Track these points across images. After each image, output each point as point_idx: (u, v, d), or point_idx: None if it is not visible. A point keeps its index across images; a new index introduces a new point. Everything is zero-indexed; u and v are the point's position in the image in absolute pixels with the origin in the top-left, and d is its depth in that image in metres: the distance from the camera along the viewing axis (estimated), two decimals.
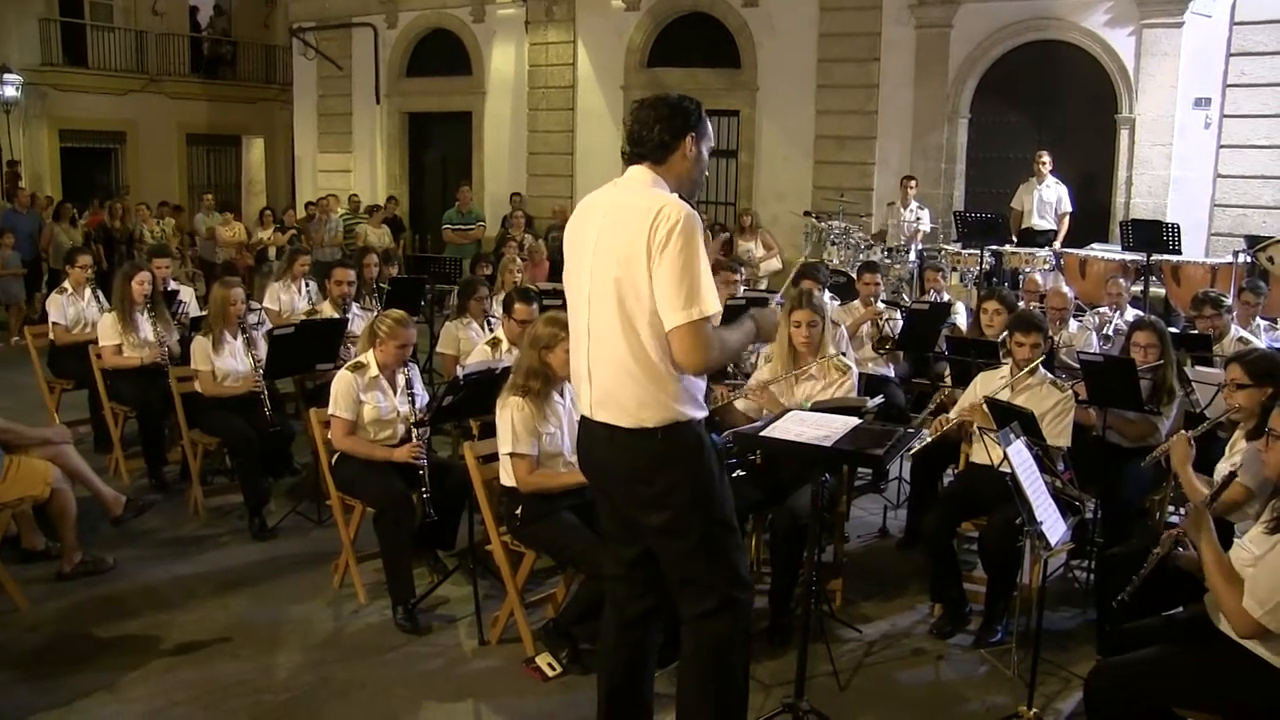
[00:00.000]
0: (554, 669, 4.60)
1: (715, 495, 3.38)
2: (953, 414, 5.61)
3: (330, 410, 5.35)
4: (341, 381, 5.35)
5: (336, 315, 7.46)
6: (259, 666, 4.69)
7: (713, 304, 3.17)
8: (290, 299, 8.76)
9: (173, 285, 8.48)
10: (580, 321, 3.38)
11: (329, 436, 5.41)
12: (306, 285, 8.92)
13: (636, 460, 3.31)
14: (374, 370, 5.40)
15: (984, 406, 5.29)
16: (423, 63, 18.79)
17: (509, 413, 4.69)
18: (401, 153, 19.39)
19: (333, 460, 5.42)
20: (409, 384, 5.44)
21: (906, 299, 10.61)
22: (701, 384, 3.39)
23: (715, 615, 3.41)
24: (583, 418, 3.46)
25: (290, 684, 4.55)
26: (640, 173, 3.35)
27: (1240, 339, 7.03)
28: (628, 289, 3.20)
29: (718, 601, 3.40)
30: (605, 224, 3.29)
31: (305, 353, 6.66)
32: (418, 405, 5.42)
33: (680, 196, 3.32)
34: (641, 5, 16.25)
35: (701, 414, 3.37)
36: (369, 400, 5.35)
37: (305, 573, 5.72)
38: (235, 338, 6.61)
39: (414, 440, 5.27)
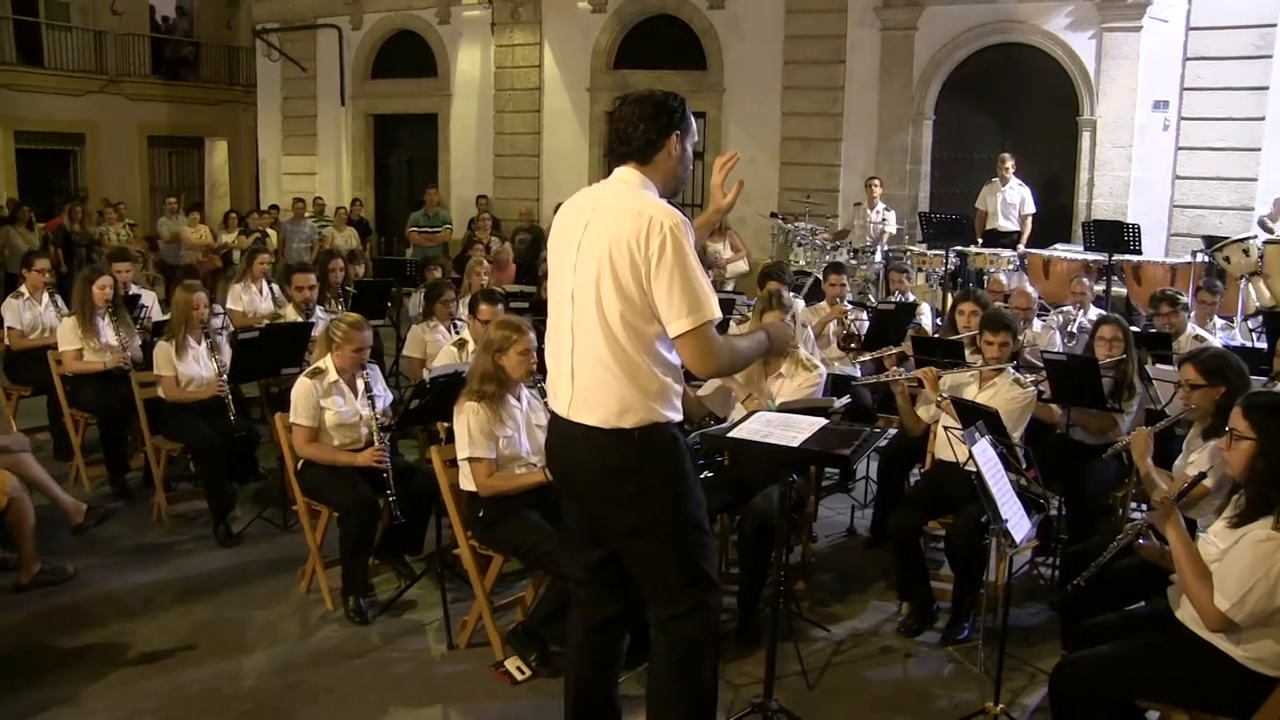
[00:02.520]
0: (523, 672, 4.58)
1: (689, 497, 3.37)
2: (912, 372, 5.69)
3: (291, 418, 5.32)
4: (301, 388, 5.31)
5: (300, 319, 7.40)
6: (224, 674, 4.64)
7: (714, 309, 3.17)
8: (251, 299, 8.69)
9: (134, 289, 8.39)
10: (564, 320, 3.34)
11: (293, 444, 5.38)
12: (269, 285, 8.86)
13: (612, 460, 3.28)
14: (333, 375, 5.36)
15: (936, 372, 5.48)
16: (388, 64, 18.69)
17: (465, 417, 4.69)
18: (367, 155, 19.28)
19: (298, 465, 5.39)
20: (368, 386, 5.41)
21: (873, 299, 10.66)
22: (679, 387, 3.38)
23: (685, 618, 3.39)
24: (555, 417, 3.44)
25: (257, 691, 4.51)
26: (628, 174, 3.33)
27: (1196, 336, 7.13)
28: (614, 291, 3.18)
29: (688, 604, 3.38)
30: (593, 224, 3.27)
31: (270, 356, 6.60)
32: (378, 407, 5.39)
33: (666, 194, 3.33)
34: (608, 7, 16.25)
35: (678, 417, 3.36)
36: (329, 405, 5.32)
37: (271, 579, 5.67)
38: (199, 342, 6.54)
39: (376, 444, 5.24)
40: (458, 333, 7.06)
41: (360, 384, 5.42)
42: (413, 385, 6.53)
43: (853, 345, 7.36)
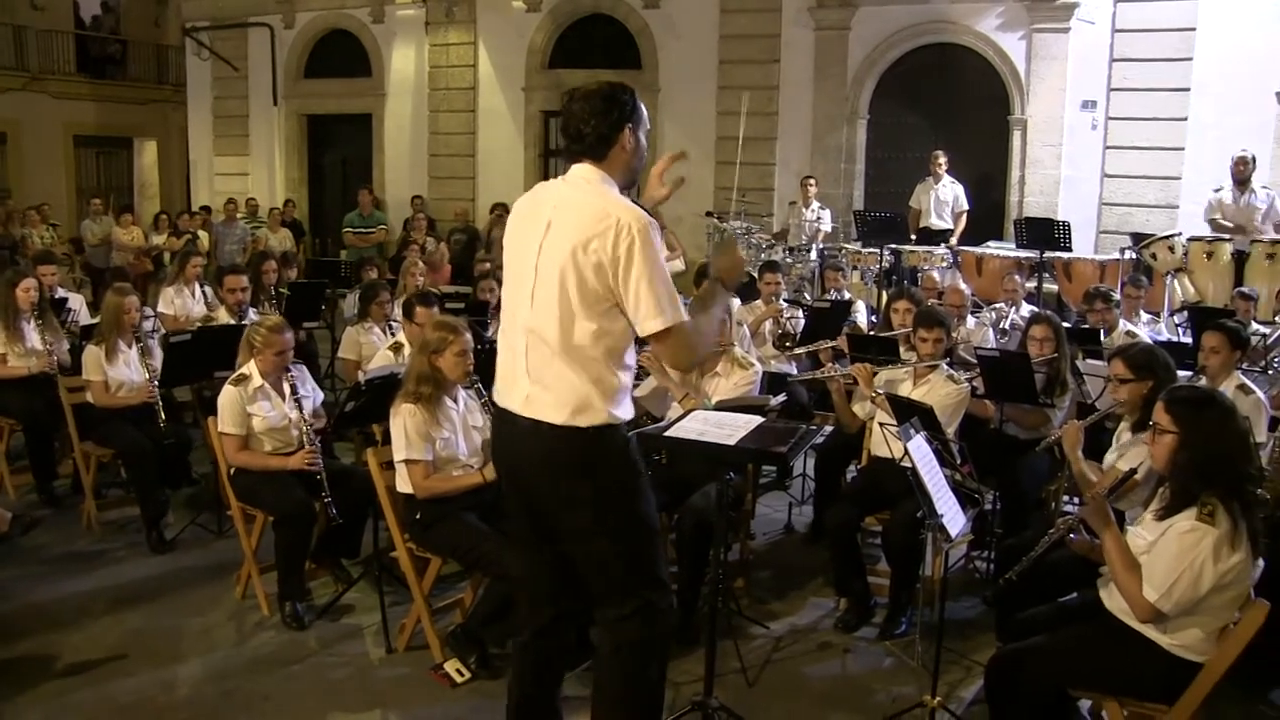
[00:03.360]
0: (463, 675, 4.55)
1: (641, 497, 3.36)
2: (847, 369, 5.76)
3: (219, 427, 5.25)
4: (226, 397, 5.24)
5: (233, 322, 7.29)
6: (158, 683, 4.55)
7: (678, 311, 3.17)
8: (184, 303, 8.56)
9: (61, 292, 8.22)
10: (520, 319, 3.32)
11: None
12: (201, 288, 8.72)
13: (566, 459, 3.26)
14: (257, 380, 5.29)
15: (870, 369, 5.55)
16: (321, 64, 18.47)
17: (401, 419, 4.66)
18: (300, 155, 19.04)
19: (231, 470, 5.31)
20: (295, 388, 5.34)
21: (808, 297, 10.73)
22: (630, 386, 3.37)
23: (633, 618, 3.38)
24: (504, 413, 3.38)
25: (192, 700, 4.44)
26: (586, 171, 3.29)
27: (1128, 332, 7.27)
28: (578, 291, 3.16)
29: (637, 604, 3.37)
30: (555, 224, 3.24)
31: (203, 360, 6.50)
32: (307, 409, 5.33)
33: (624, 186, 3.33)
34: (542, 7, 16.20)
35: (629, 416, 3.35)
36: (257, 411, 5.25)
37: (206, 585, 5.58)
38: (130, 346, 6.43)
39: (307, 446, 5.19)
40: (393, 334, 7.01)
41: (286, 387, 5.35)
42: (348, 387, 6.47)
43: (788, 344, 7.41)
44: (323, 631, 5.07)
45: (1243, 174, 10.80)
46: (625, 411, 3.31)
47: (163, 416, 6.27)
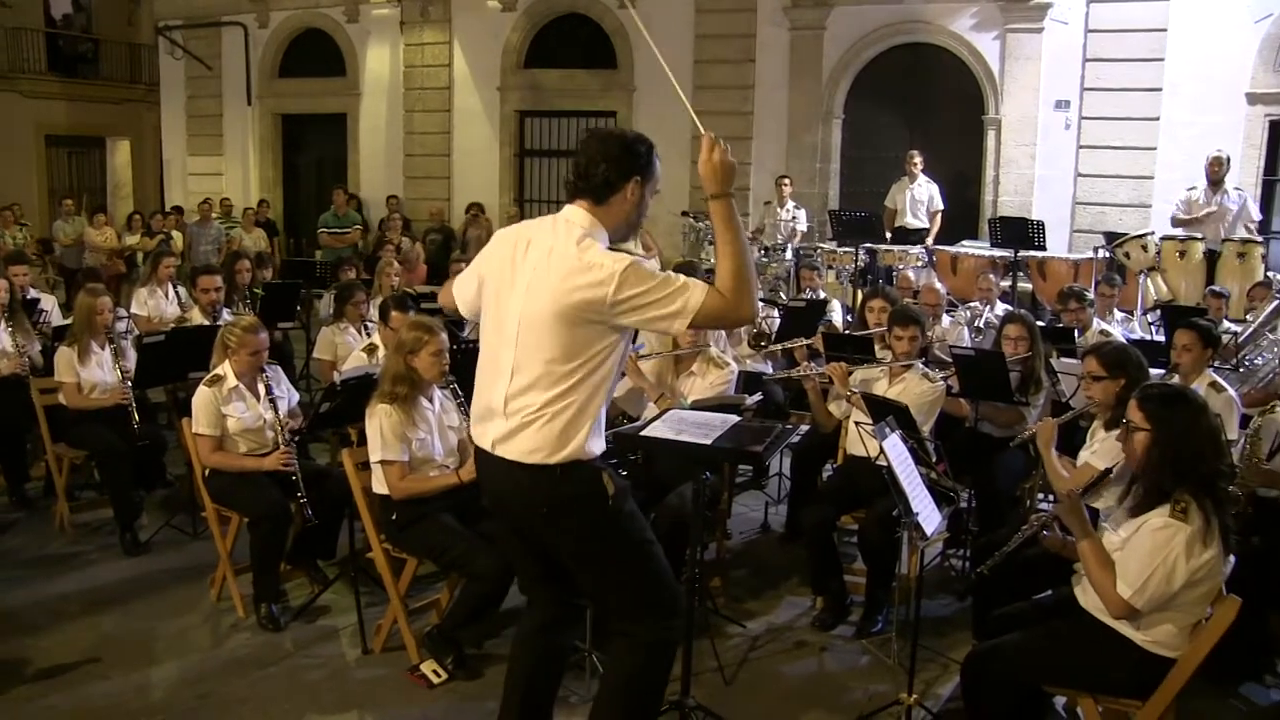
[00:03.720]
0: (439, 675, 4.54)
1: (620, 527, 3.34)
2: (822, 368, 5.77)
3: (193, 429, 5.22)
4: (200, 398, 5.21)
5: (207, 323, 7.25)
6: (132, 687, 4.52)
7: (694, 284, 3.12)
8: (157, 304, 8.50)
9: (33, 293, 8.15)
10: (504, 361, 3.27)
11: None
12: (175, 289, 8.66)
13: (538, 495, 3.25)
14: (231, 380, 5.26)
15: (845, 368, 5.58)
16: (296, 63, 18.37)
17: (377, 420, 4.65)
18: (275, 155, 18.93)
19: (206, 471, 5.27)
20: (269, 389, 5.32)
21: (784, 297, 10.74)
22: (603, 422, 3.35)
23: (639, 626, 3.38)
24: (480, 451, 3.37)
25: (167, 703, 4.41)
26: (578, 215, 3.26)
27: (1102, 331, 7.32)
28: (569, 339, 3.15)
29: (641, 612, 3.38)
30: (543, 269, 3.20)
31: (177, 361, 6.46)
32: (282, 409, 5.31)
33: (615, 239, 3.31)
34: (518, 6, 16.16)
35: (602, 449, 3.33)
36: (231, 412, 5.22)
37: (180, 587, 5.55)
38: (103, 348, 6.39)
39: (282, 446, 5.16)
40: (369, 335, 6.99)
41: (261, 387, 5.33)
42: (323, 388, 6.45)
43: (763, 343, 7.42)
44: (299, 633, 5.05)
45: (1217, 174, 10.91)
46: (598, 446, 3.30)
47: (136, 418, 6.23)
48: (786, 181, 13.15)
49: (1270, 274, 10.15)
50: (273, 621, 5.05)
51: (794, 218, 12.98)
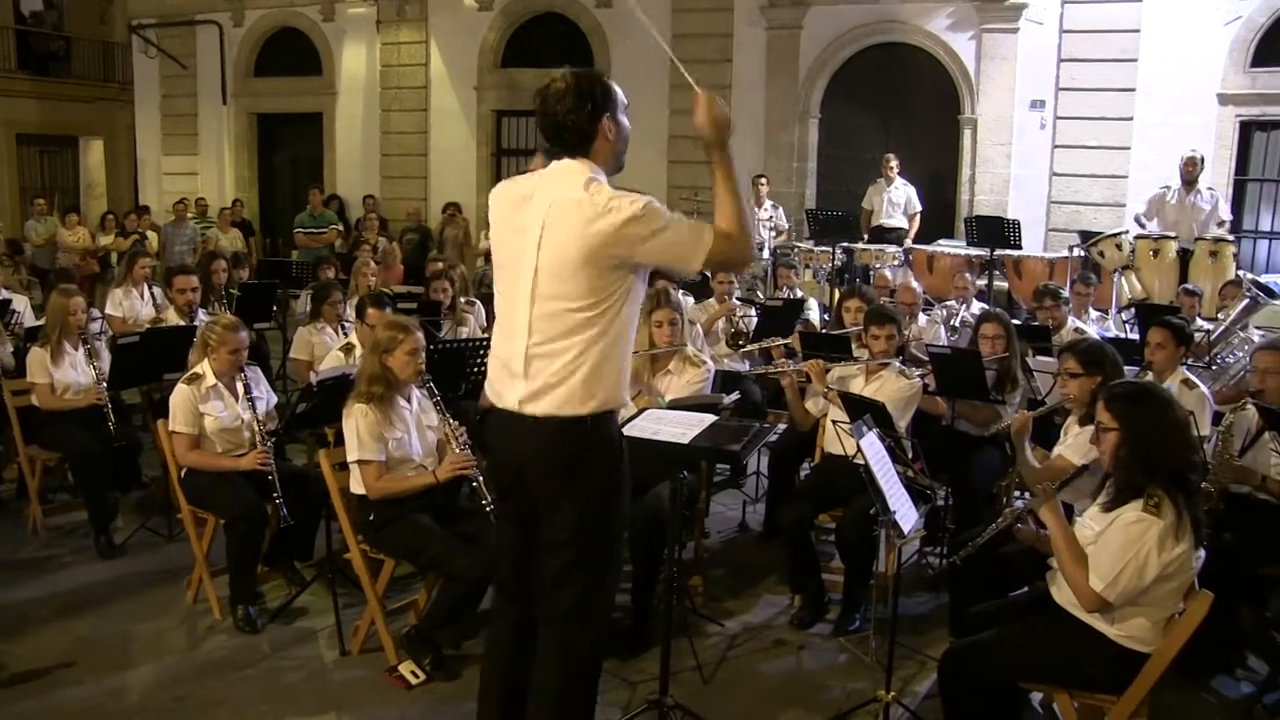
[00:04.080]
0: (417, 676, 4.52)
1: (619, 509, 3.39)
2: (800, 365, 5.79)
3: (170, 426, 5.19)
4: (179, 395, 5.18)
5: (183, 323, 7.20)
6: (107, 691, 4.48)
7: (703, 225, 3.21)
8: (132, 304, 8.44)
9: (4, 294, 8.08)
10: (520, 319, 3.24)
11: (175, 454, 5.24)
12: (150, 290, 8.61)
13: (562, 447, 3.23)
14: (210, 379, 5.24)
15: (823, 364, 5.59)
16: (271, 62, 18.30)
17: (354, 420, 4.63)
18: (250, 155, 18.85)
19: (182, 472, 5.25)
20: (248, 389, 5.29)
21: (761, 296, 10.76)
22: (628, 375, 3.38)
23: (574, 618, 3.36)
24: (500, 414, 3.32)
25: (143, 706, 4.38)
26: (574, 165, 3.22)
27: (1076, 329, 7.38)
28: (588, 284, 3.14)
29: (579, 604, 3.37)
30: (553, 223, 3.16)
31: (152, 362, 6.42)
32: (260, 410, 5.28)
33: (612, 173, 3.30)
34: (494, 5, 16.15)
35: (628, 400, 3.45)
36: (209, 411, 5.20)
37: (156, 590, 5.50)
38: (76, 348, 6.33)
39: (259, 446, 5.15)
40: (346, 335, 6.97)
41: (240, 387, 5.31)
42: (299, 388, 6.42)
43: (741, 342, 7.43)
44: (276, 635, 5.02)
45: (1191, 175, 11.00)
46: (622, 396, 3.34)
47: (112, 419, 6.18)
48: (763, 181, 13.16)
49: (1241, 272, 10.26)
50: (249, 623, 5.03)
51: (771, 217, 12.97)
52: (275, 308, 9.30)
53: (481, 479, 4.57)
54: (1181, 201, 11.03)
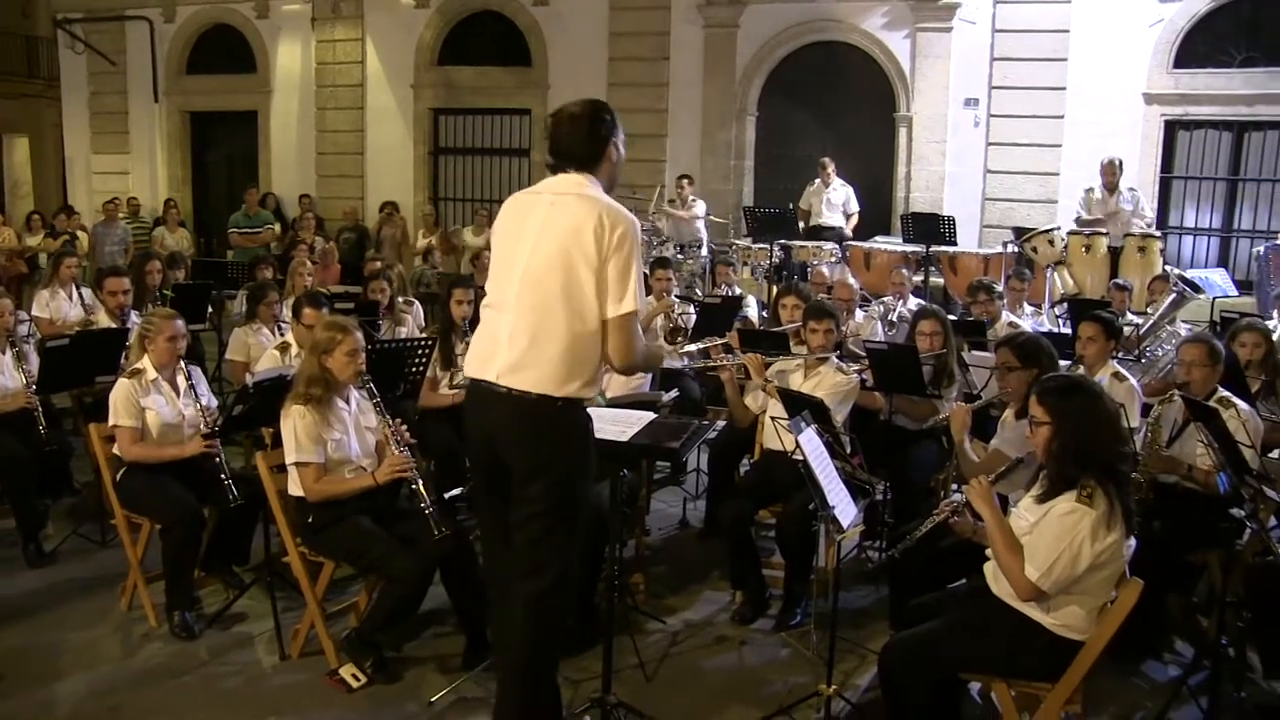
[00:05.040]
0: (359, 679, 4.49)
1: (586, 481, 3.66)
2: (738, 358, 5.82)
3: (112, 421, 5.10)
4: (120, 390, 5.10)
5: (115, 326, 7.07)
6: (37, 704, 4.37)
7: (638, 302, 3.49)
8: (59, 306, 8.28)
9: None
10: (508, 296, 3.56)
11: (116, 450, 5.14)
12: (78, 291, 8.44)
13: (532, 422, 3.50)
14: (152, 373, 5.18)
15: (761, 358, 5.65)
16: (204, 59, 18.01)
17: (292, 421, 4.58)
18: (183, 153, 18.54)
19: (117, 477, 5.15)
20: (192, 385, 5.23)
21: (699, 293, 10.80)
22: (604, 371, 3.66)
23: (542, 597, 3.57)
24: (478, 384, 3.60)
25: (75, 718, 4.29)
26: (577, 178, 3.58)
27: (1010, 323, 7.48)
28: (575, 271, 3.45)
29: (547, 583, 3.56)
30: (555, 211, 3.52)
31: (83, 365, 6.30)
32: (204, 403, 5.23)
33: (609, 191, 3.64)
34: (431, 3, 16.03)
35: (593, 395, 3.63)
36: (150, 405, 5.12)
37: (89, 598, 5.40)
38: (4, 351, 6.20)
39: (203, 429, 5.08)
40: (282, 335, 6.89)
41: (182, 381, 5.24)
42: (236, 390, 6.33)
43: (679, 339, 7.45)
44: (213, 640, 4.95)
45: (1111, 179, 11.45)
46: (593, 390, 3.60)
47: (42, 424, 6.05)
48: (687, 181, 13.15)
49: (1169, 268, 10.48)
50: (186, 629, 4.95)
51: (693, 213, 12.92)
52: (211, 309, 9.17)
53: (421, 481, 4.56)
54: (1105, 202, 11.48)
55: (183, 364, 5.29)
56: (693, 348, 6.44)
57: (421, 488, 4.54)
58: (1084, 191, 11.69)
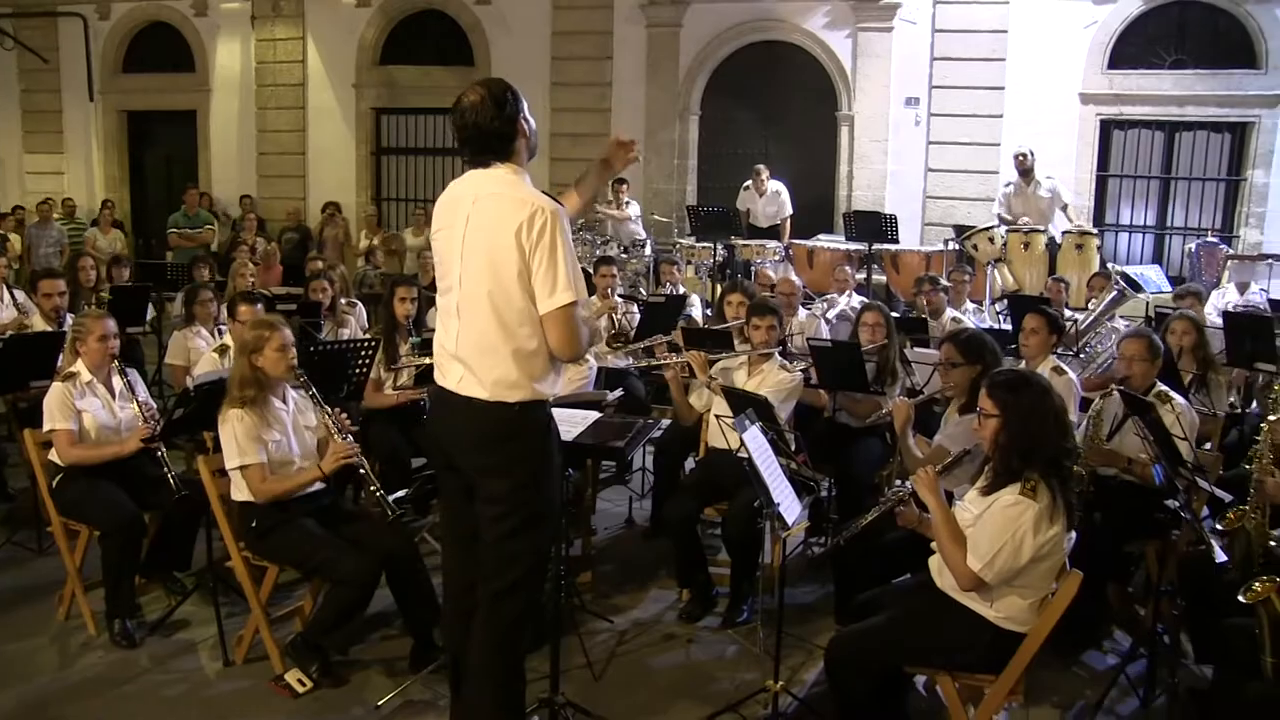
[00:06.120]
0: (304, 684, 4.45)
1: (551, 477, 3.59)
2: (683, 356, 5.84)
3: (47, 426, 5.00)
4: (54, 393, 5.01)
5: (51, 329, 6.94)
6: None
7: (580, 291, 3.39)
8: None
9: None
10: (450, 303, 3.52)
11: (54, 454, 5.04)
12: (10, 293, 8.28)
13: (489, 428, 3.45)
14: (86, 375, 5.09)
15: (705, 356, 5.65)
16: (141, 58, 17.70)
17: (230, 425, 4.53)
18: (121, 153, 18.22)
19: (53, 483, 5.05)
20: (124, 373, 5.15)
21: (644, 292, 10.82)
22: (560, 365, 3.57)
23: (509, 596, 3.54)
24: (441, 391, 3.57)
25: None
26: (497, 173, 3.47)
27: (954, 319, 7.58)
28: (501, 274, 3.36)
29: (513, 582, 3.54)
30: (476, 214, 3.43)
31: (16, 369, 6.17)
32: (141, 399, 5.16)
33: (530, 158, 3.60)
34: (373, 2, 15.90)
35: (554, 393, 3.57)
36: (86, 407, 5.04)
37: (24, 607, 5.29)
38: None
39: (143, 422, 5.01)
40: (221, 337, 6.81)
41: (118, 382, 5.16)
42: (176, 394, 6.25)
43: (619, 342, 7.46)
44: (155, 648, 4.87)
45: (1024, 165, 11.80)
46: (549, 388, 3.52)
47: None
48: (624, 187, 13.15)
49: (1111, 265, 10.67)
50: (127, 638, 4.87)
51: (625, 214, 12.93)
52: (155, 312, 9.03)
53: (367, 466, 4.53)
54: (1022, 193, 11.84)
55: (118, 364, 5.20)
56: (635, 346, 6.42)
57: (369, 473, 4.52)
58: (1005, 184, 12.06)
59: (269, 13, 16.45)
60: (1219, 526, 3.92)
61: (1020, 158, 11.83)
